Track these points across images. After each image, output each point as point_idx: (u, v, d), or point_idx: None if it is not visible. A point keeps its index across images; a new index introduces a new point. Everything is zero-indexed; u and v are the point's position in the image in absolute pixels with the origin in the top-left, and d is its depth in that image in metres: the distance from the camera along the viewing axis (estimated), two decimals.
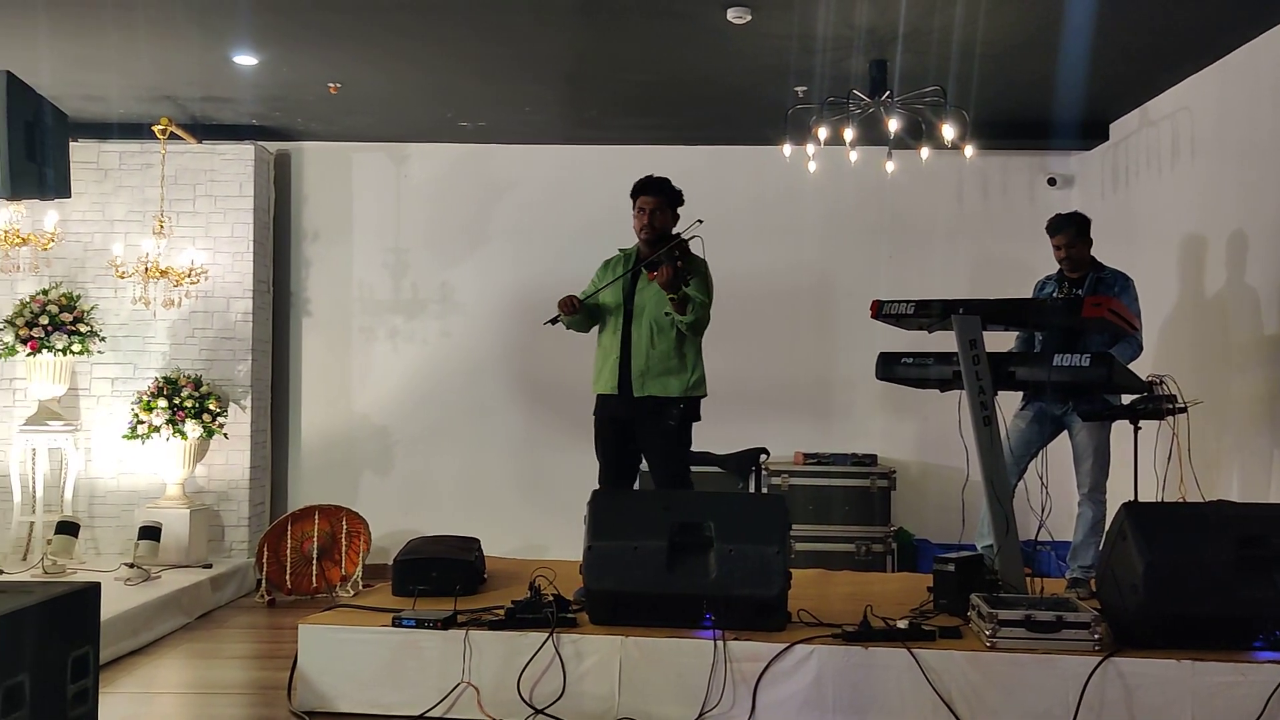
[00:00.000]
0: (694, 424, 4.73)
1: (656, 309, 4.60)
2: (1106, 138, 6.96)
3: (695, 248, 4.66)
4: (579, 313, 4.69)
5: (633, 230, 4.81)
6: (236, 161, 7.04)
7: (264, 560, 6.34)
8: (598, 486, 4.60)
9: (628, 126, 7.02)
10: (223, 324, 7.01)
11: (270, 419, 7.33)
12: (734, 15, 5.03)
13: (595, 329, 4.87)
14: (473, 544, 5.15)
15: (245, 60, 5.79)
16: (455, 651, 4.02)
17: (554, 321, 4.72)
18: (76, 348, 6.60)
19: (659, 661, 3.93)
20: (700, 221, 4.53)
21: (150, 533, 6.25)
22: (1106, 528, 4.73)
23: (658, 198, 4.72)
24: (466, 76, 6.09)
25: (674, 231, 4.74)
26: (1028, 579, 4.44)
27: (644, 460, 4.80)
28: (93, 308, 6.85)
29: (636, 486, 4.99)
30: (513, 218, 7.45)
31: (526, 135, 7.24)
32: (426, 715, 3.99)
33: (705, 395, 4.72)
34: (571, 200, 7.40)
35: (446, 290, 7.46)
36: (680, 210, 4.81)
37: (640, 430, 4.65)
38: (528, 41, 5.53)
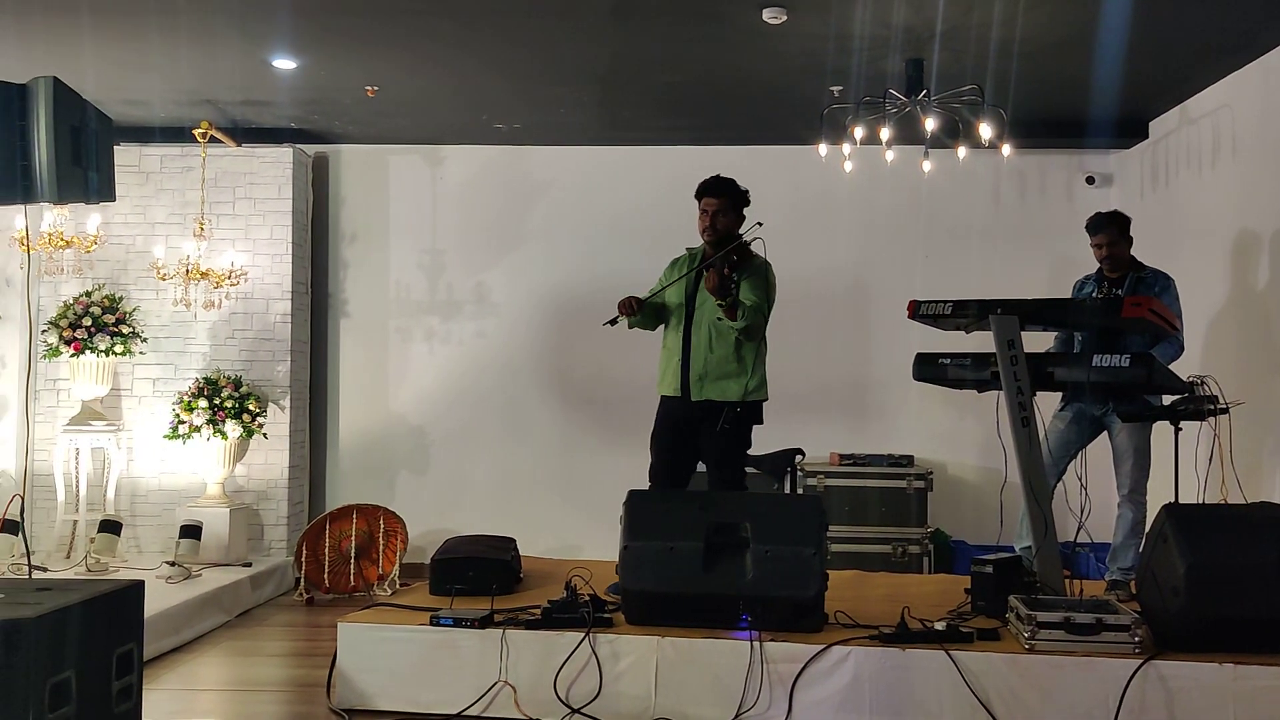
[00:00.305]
0: (755, 427, 4.72)
1: (715, 312, 4.56)
2: (1146, 136, 6.89)
3: (759, 249, 4.64)
4: (637, 314, 4.66)
5: (673, 231, 4.81)
6: (275, 164, 7.11)
7: (302, 559, 6.40)
8: (636, 486, 4.59)
9: (662, 127, 7.03)
10: (262, 325, 7.08)
11: (309, 419, 7.40)
12: (769, 15, 5.02)
13: (662, 328, 4.86)
14: (509, 544, 5.17)
15: (284, 64, 5.85)
16: (492, 650, 4.04)
17: (613, 322, 4.69)
18: (119, 349, 6.70)
19: (695, 662, 3.93)
20: (760, 224, 4.54)
21: (191, 531, 6.32)
22: (1147, 529, 4.69)
23: (720, 199, 4.70)
24: (501, 79, 6.12)
25: (740, 233, 4.71)
26: (1066, 581, 4.41)
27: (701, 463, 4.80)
28: (135, 309, 6.95)
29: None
30: (547, 219, 7.48)
31: (561, 136, 7.26)
32: (464, 714, 4.01)
33: (766, 399, 4.71)
34: (606, 201, 7.42)
35: (482, 291, 7.49)
36: (747, 210, 4.78)
37: (699, 433, 4.66)
38: (562, 44, 5.55)
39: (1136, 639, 3.75)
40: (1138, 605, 4.16)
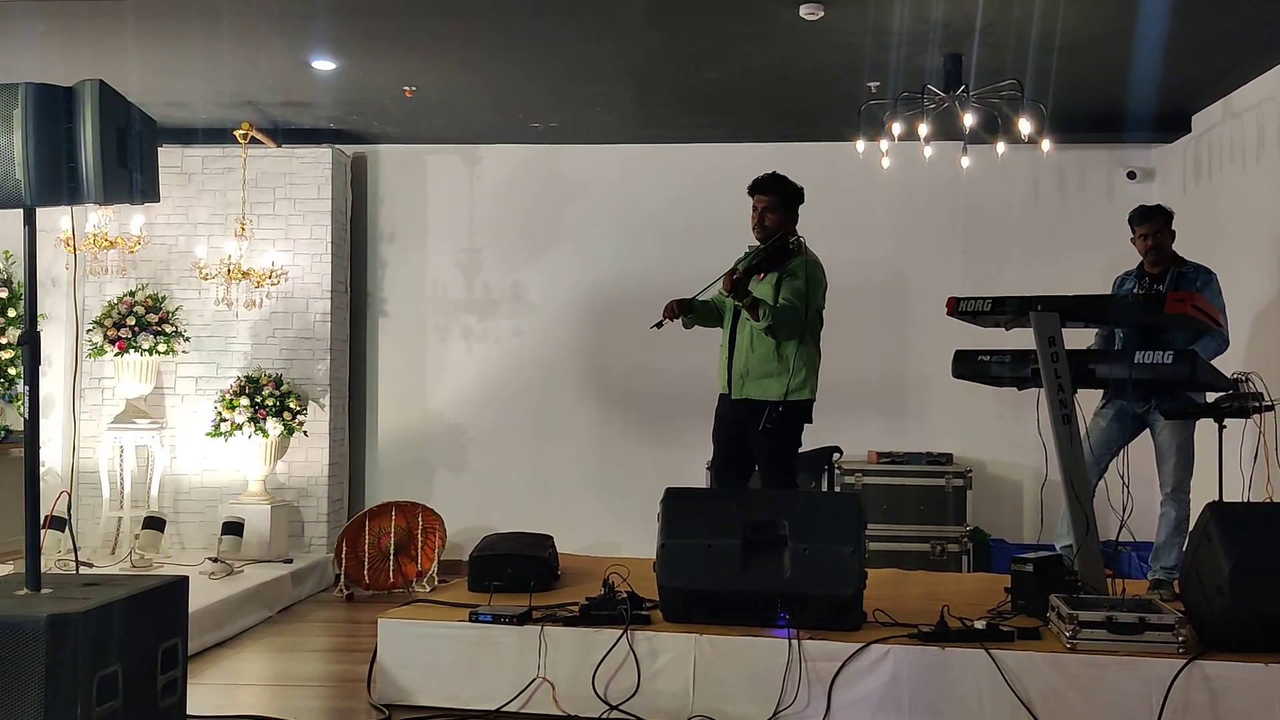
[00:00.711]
0: (806, 425, 4.73)
1: None
2: (1188, 130, 6.80)
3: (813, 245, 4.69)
4: (680, 316, 4.70)
5: (709, 229, 4.82)
6: (314, 165, 7.18)
7: (343, 556, 6.46)
8: (673, 484, 4.60)
9: (698, 125, 7.02)
10: (302, 324, 7.15)
11: (348, 417, 7.46)
12: (806, 12, 5.01)
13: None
14: (547, 541, 5.19)
15: (323, 65, 5.90)
16: (531, 647, 4.06)
17: (659, 325, 4.72)
18: (162, 348, 6.78)
19: (733, 660, 3.93)
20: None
21: (233, 528, 6.40)
22: (1190, 528, 4.63)
23: (770, 196, 4.72)
24: (537, 78, 6.14)
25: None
26: (1108, 580, 4.37)
27: None
28: (177, 309, 7.03)
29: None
30: (583, 217, 7.49)
31: (597, 135, 7.28)
32: (503, 709, 4.03)
33: (811, 398, 4.69)
34: (641, 199, 7.43)
35: (518, 290, 7.52)
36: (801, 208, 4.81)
37: (748, 431, 4.69)
38: (597, 42, 5.56)
39: (1180, 639, 3.71)
40: (1181, 605, 4.12)
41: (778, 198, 4.71)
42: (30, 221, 3.18)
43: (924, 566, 6.41)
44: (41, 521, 3.31)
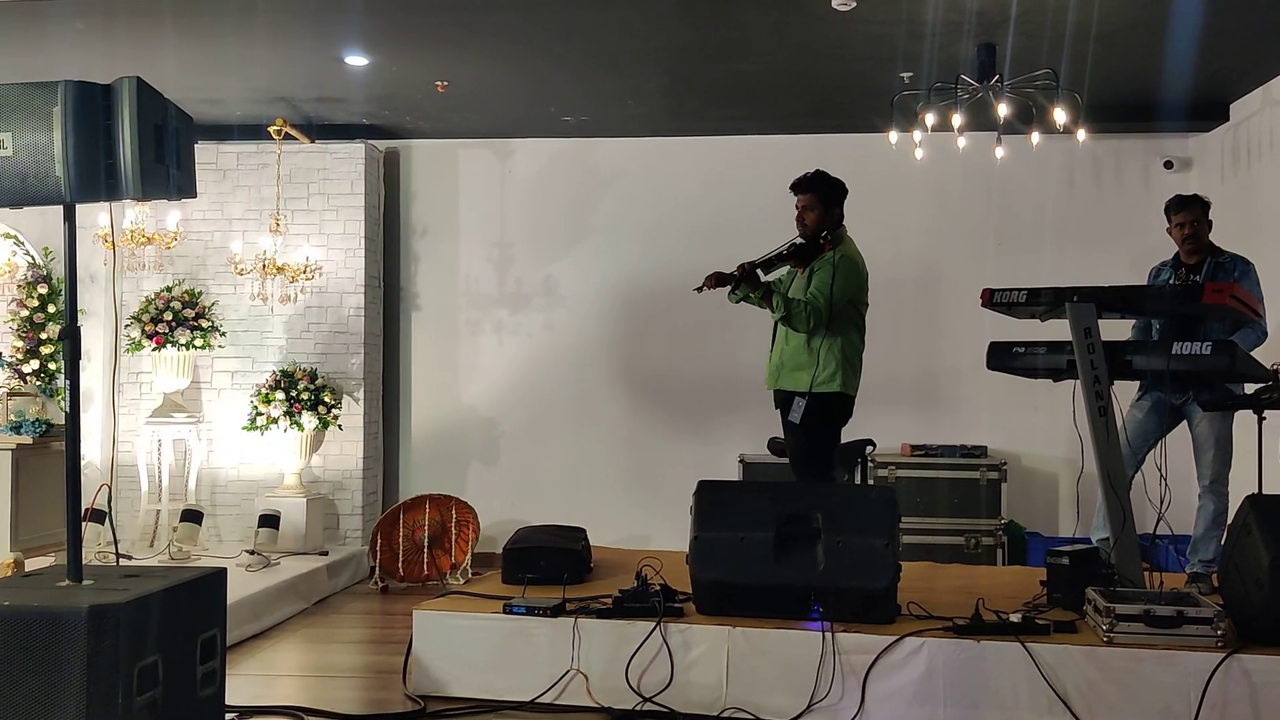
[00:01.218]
0: (844, 420, 4.79)
1: None
2: (1226, 119, 6.71)
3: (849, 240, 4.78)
4: (713, 287, 4.74)
5: (740, 221, 4.85)
6: (348, 160, 7.22)
7: (377, 548, 6.51)
8: (704, 476, 4.61)
9: (730, 117, 7.01)
10: (336, 319, 7.20)
11: (382, 411, 7.51)
12: (838, 2, 4.99)
13: None
14: (579, 533, 5.21)
15: (356, 61, 5.94)
16: (564, 639, 4.07)
17: (699, 290, 4.76)
18: (199, 342, 6.86)
19: (767, 652, 3.92)
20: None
21: (269, 521, 6.47)
22: (1229, 521, 4.58)
23: (807, 195, 4.79)
24: (568, 71, 6.15)
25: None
26: (1145, 573, 4.33)
27: None
28: (213, 304, 7.10)
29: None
30: (614, 210, 7.50)
31: (628, 128, 7.28)
32: (537, 701, 4.05)
33: (841, 390, 4.70)
34: (672, 192, 7.42)
35: (550, 283, 7.54)
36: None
37: (784, 422, 4.81)
38: (629, 35, 5.56)
39: (1219, 632, 3.67)
40: (1220, 598, 4.07)
41: (816, 196, 4.77)
42: (70, 218, 3.22)
43: (958, 560, 6.38)
44: (82, 514, 3.35)
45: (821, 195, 4.76)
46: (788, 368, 4.73)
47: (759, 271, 4.71)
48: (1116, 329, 4.87)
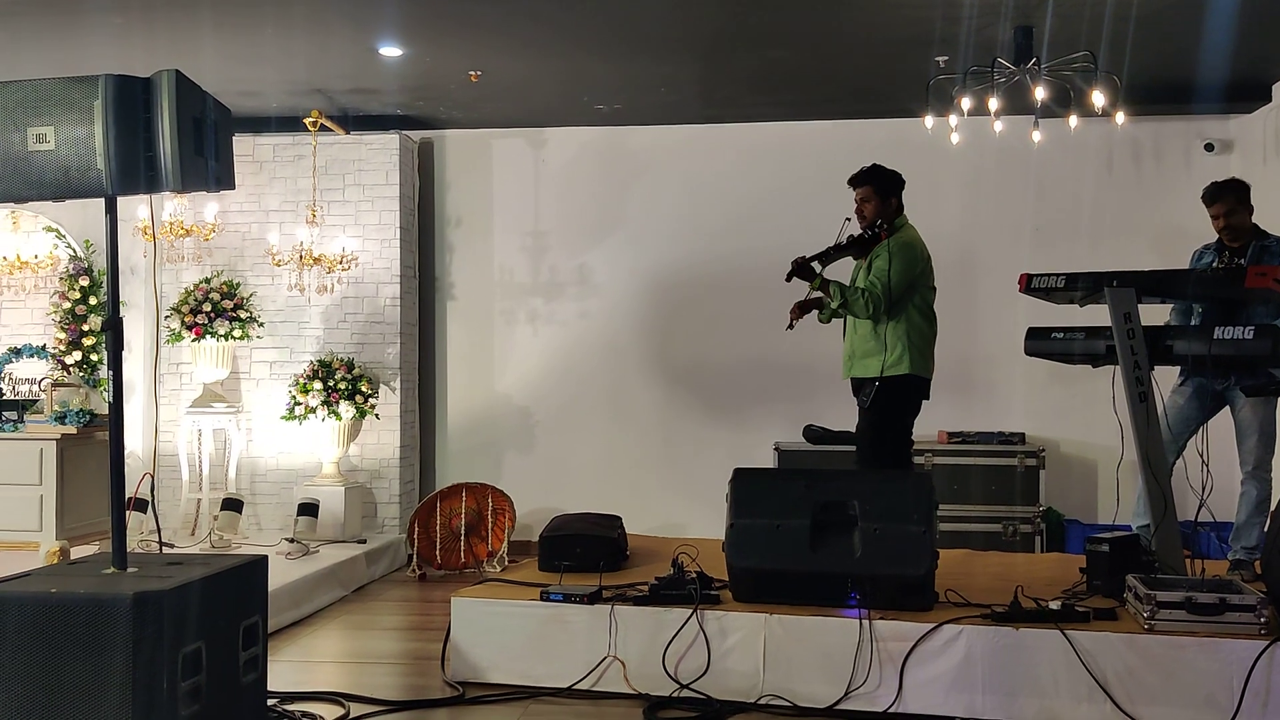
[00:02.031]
0: (919, 402, 4.91)
1: None
2: (1268, 99, 6.60)
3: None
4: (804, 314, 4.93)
5: (774, 207, 4.86)
6: (383, 151, 7.26)
7: (415, 536, 6.56)
8: (739, 464, 4.61)
9: (764, 103, 6.98)
10: (372, 309, 7.25)
11: (418, 400, 7.56)
12: None
13: None
14: (615, 521, 5.22)
15: (390, 52, 5.96)
16: (601, 626, 4.09)
17: (790, 328, 4.95)
18: (237, 333, 6.93)
19: (804, 640, 3.92)
20: (848, 219, 4.83)
21: (308, 509, 6.53)
22: (1272, 507, 4.53)
23: (863, 188, 4.93)
24: (601, 59, 6.15)
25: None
26: (1187, 560, 4.29)
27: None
28: (251, 295, 7.17)
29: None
30: (647, 199, 7.49)
31: (661, 116, 7.26)
32: (574, 687, 4.07)
33: (911, 372, 4.78)
34: (707, 179, 7.40)
35: (584, 272, 7.55)
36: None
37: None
38: (662, 22, 5.54)
39: (1262, 619, 3.63)
40: (1263, 586, 4.03)
41: (873, 188, 4.90)
42: (111, 210, 3.26)
43: (996, 547, 6.33)
44: (125, 503, 3.39)
45: (878, 187, 4.90)
46: (858, 355, 4.86)
47: (814, 265, 4.81)
48: (1156, 313, 4.82)
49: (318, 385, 6.81)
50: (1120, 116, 5.70)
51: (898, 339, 4.77)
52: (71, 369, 6.92)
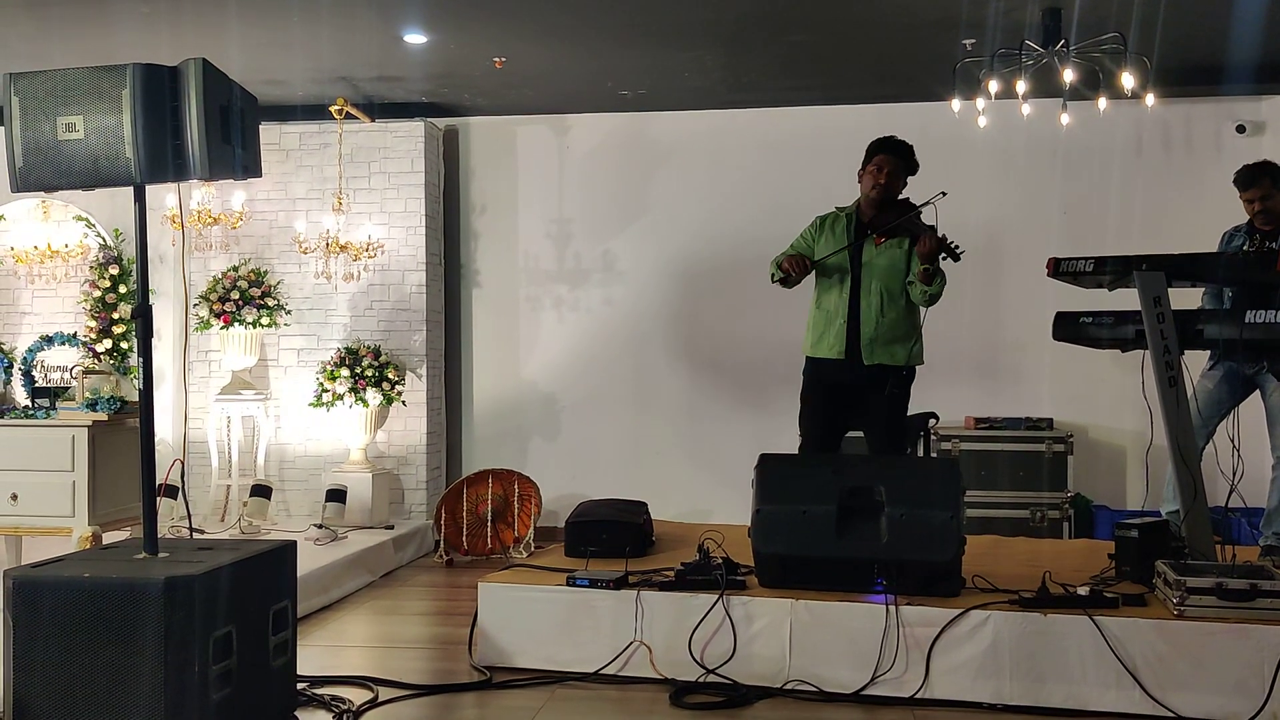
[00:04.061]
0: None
1: (889, 276, 4.62)
2: None
3: (928, 218, 4.63)
4: (808, 273, 4.66)
5: (798, 193, 4.79)
6: (408, 138, 7.27)
7: (442, 522, 6.59)
8: (765, 450, 4.59)
9: (788, 88, 6.95)
10: (398, 296, 7.28)
11: (444, 387, 7.59)
12: None
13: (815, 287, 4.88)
14: (641, 507, 5.23)
15: (415, 39, 5.97)
16: (627, 611, 4.10)
17: (784, 281, 4.68)
18: (265, 321, 6.97)
19: (830, 625, 3.92)
20: (944, 194, 4.53)
21: (336, 495, 6.57)
22: None
23: (896, 160, 4.66)
24: (625, 45, 6.13)
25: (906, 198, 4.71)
26: (1217, 546, 4.25)
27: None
28: (279, 283, 7.21)
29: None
30: (672, 184, 7.48)
31: (685, 101, 7.24)
32: (601, 672, 4.09)
33: (923, 363, 4.73)
34: (730, 165, 7.38)
35: (609, 259, 7.55)
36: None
37: (865, 397, 4.68)
38: (687, 7, 5.52)
39: None
40: None
41: (903, 163, 4.69)
42: (140, 199, 3.29)
43: (1023, 533, 6.31)
44: (156, 489, 3.43)
45: (907, 163, 4.71)
46: (883, 341, 4.62)
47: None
48: (1187, 298, 4.78)
49: (345, 372, 6.85)
50: (1150, 98, 5.64)
51: (918, 327, 4.70)
52: (102, 357, 6.98)
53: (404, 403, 7.11)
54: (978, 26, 5.58)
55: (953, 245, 4.49)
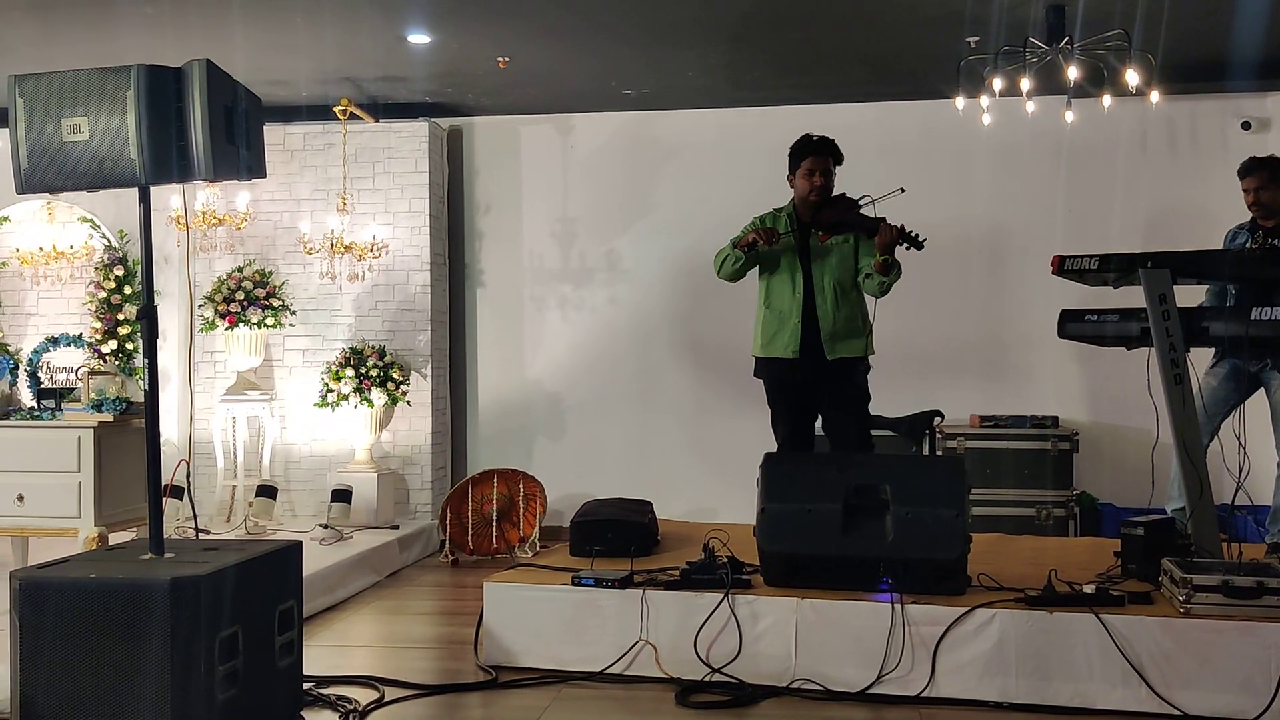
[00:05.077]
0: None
1: (840, 271, 4.68)
2: None
3: (882, 210, 4.68)
4: (773, 246, 4.69)
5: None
6: (412, 139, 7.27)
7: (447, 522, 6.59)
8: (770, 449, 4.60)
9: (792, 86, 6.94)
10: (403, 296, 7.28)
11: (449, 387, 7.59)
12: None
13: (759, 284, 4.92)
14: (646, 506, 5.23)
15: (419, 39, 5.97)
16: (633, 610, 4.10)
17: (750, 250, 4.72)
18: (270, 321, 6.98)
19: (836, 624, 3.92)
20: (902, 190, 4.56)
21: (342, 496, 6.58)
22: None
23: (829, 157, 4.74)
24: (629, 44, 6.13)
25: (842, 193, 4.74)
26: (1223, 544, 4.24)
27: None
28: (283, 283, 7.22)
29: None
30: (676, 183, 7.47)
31: (689, 100, 7.24)
32: (606, 671, 4.09)
33: (874, 353, 4.82)
34: (734, 163, 7.37)
35: (613, 258, 7.55)
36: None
37: (828, 392, 4.73)
38: (690, 5, 5.51)
39: None
40: None
41: (835, 159, 4.78)
42: (145, 199, 3.29)
43: (1029, 531, 6.30)
44: (162, 490, 3.43)
45: (839, 159, 4.79)
46: (841, 335, 4.69)
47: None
48: (1191, 295, 4.77)
49: (350, 372, 6.86)
50: (1155, 95, 5.63)
51: (869, 320, 4.77)
52: (107, 358, 6.99)
53: (409, 403, 7.11)
54: (981, 24, 5.57)
55: (913, 234, 4.54)
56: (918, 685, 3.81)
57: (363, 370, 6.87)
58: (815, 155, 4.73)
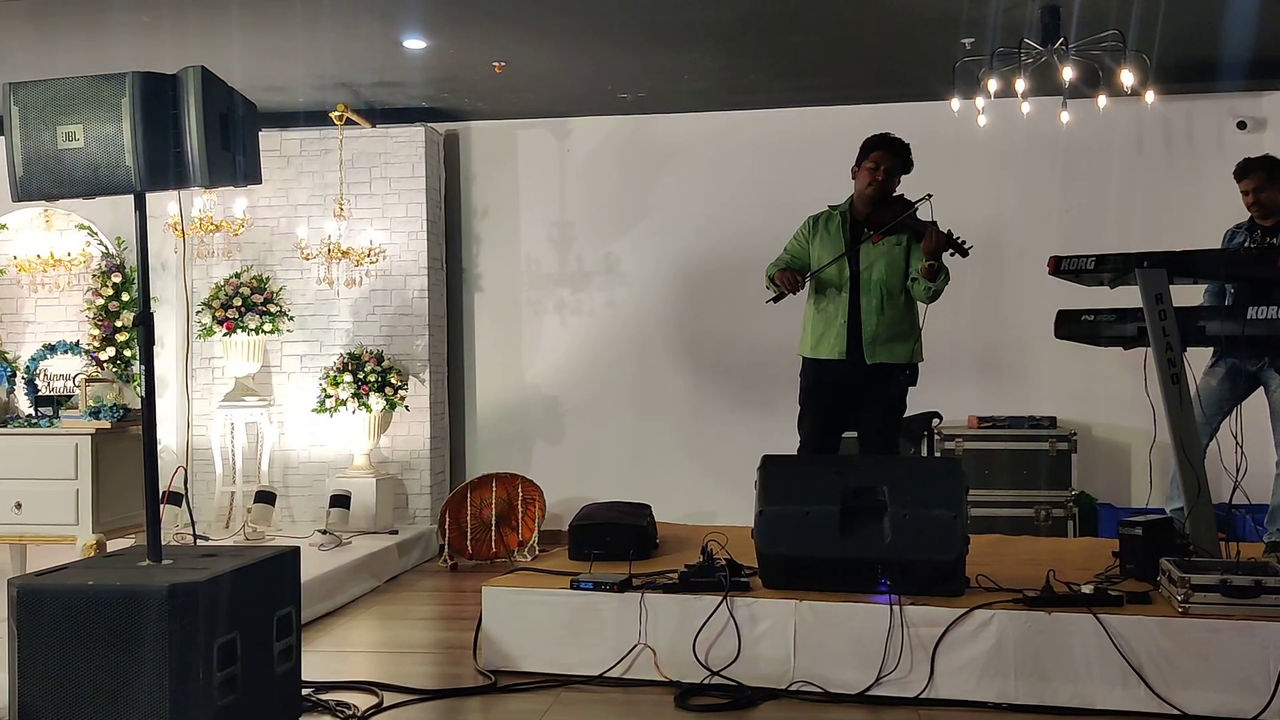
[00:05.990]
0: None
1: (888, 274, 4.62)
2: None
3: (925, 216, 4.64)
4: (802, 288, 4.67)
5: (799, 194, 4.79)
6: (408, 144, 7.28)
7: (446, 527, 6.59)
8: (768, 451, 4.59)
9: (788, 89, 6.95)
10: (401, 301, 7.28)
11: (447, 391, 7.59)
12: None
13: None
14: (644, 510, 5.23)
15: (415, 44, 5.98)
16: (631, 613, 4.10)
17: (777, 299, 4.73)
18: (268, 327, 6.98)
19: (834, 626, 3.92)
20: (930, 196, 4.53)
21: (340, 501, 6.57)
22: None
23: (896, 158, 4.67)
24: (625, 48, 6.14)
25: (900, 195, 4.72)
26: (1222, 543, 4.25)
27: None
28: (281, 289, 7.22)
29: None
30: (673, 187, 7.48)
31: (686, 104, 7.24)
32: (605, 675, 4.08)
33: (923, 360, 4.74)
34: (731, 166, 7.38)
35: (611, 262, 7.55)
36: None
37: (865, 397, 4.68)
38: (686, 9, 5.52)
39: None
40: None
41: (900, 161, 4.71)
42: (141, 206, 3.29)
43: (1027, 532, 6.30)
44: (160, 497, 3.43)
45: (905, 163, 4.73)
46: (884, 339, 4.63)
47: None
48: (1188, 294, 4.78)
49: (348, 378, 6.86)
50: (1150, 96, 5.64)
51: (918, 325, 4.71)
52: (105, 365, 6.99)
53: (407, 407, 7.11)
54: (977, 25, 5.59)
55: (960, 240, 4.49)
56: (916, 687, 3.81)
57: (361, 375, 6.87)
58: (884, 150, 4.67)
